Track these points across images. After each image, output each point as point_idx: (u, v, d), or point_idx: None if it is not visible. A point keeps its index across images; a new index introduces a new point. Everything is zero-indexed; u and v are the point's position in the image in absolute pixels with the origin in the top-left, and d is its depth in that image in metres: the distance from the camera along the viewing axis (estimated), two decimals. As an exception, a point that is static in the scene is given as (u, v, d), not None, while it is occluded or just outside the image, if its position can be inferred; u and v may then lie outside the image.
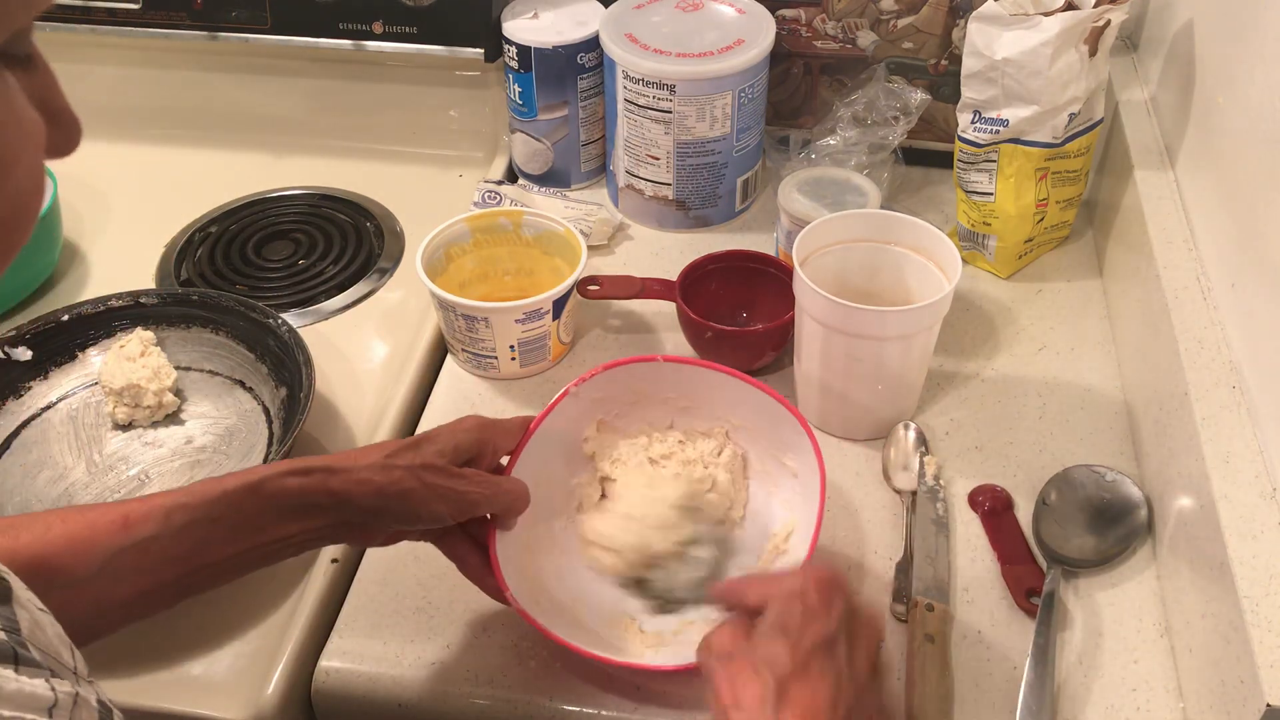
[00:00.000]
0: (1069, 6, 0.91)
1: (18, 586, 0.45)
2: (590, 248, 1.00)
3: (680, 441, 0.83)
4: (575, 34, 1.07)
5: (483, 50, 1.12)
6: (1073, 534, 0.80)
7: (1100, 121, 1.00)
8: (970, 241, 1.04)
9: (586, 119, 1.12)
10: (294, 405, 0.86)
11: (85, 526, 0.61)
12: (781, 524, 0.80)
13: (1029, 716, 0.69)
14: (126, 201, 1.17)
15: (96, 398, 0.92)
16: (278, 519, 0.65)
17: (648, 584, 0.69)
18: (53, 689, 0.41)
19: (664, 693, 0.72)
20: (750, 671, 0.55)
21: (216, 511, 0.63)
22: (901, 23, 1.09)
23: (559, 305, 0.92)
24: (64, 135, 0.38)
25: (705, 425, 0.83)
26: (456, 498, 0.67)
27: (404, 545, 0.81)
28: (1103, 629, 0.75)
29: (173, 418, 0.91)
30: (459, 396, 0.94)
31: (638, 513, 0.70)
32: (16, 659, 0.41)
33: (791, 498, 0.81)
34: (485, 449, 0.71)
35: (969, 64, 0.95)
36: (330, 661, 0.75)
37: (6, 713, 0.39)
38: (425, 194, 1.17)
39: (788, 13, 1.10)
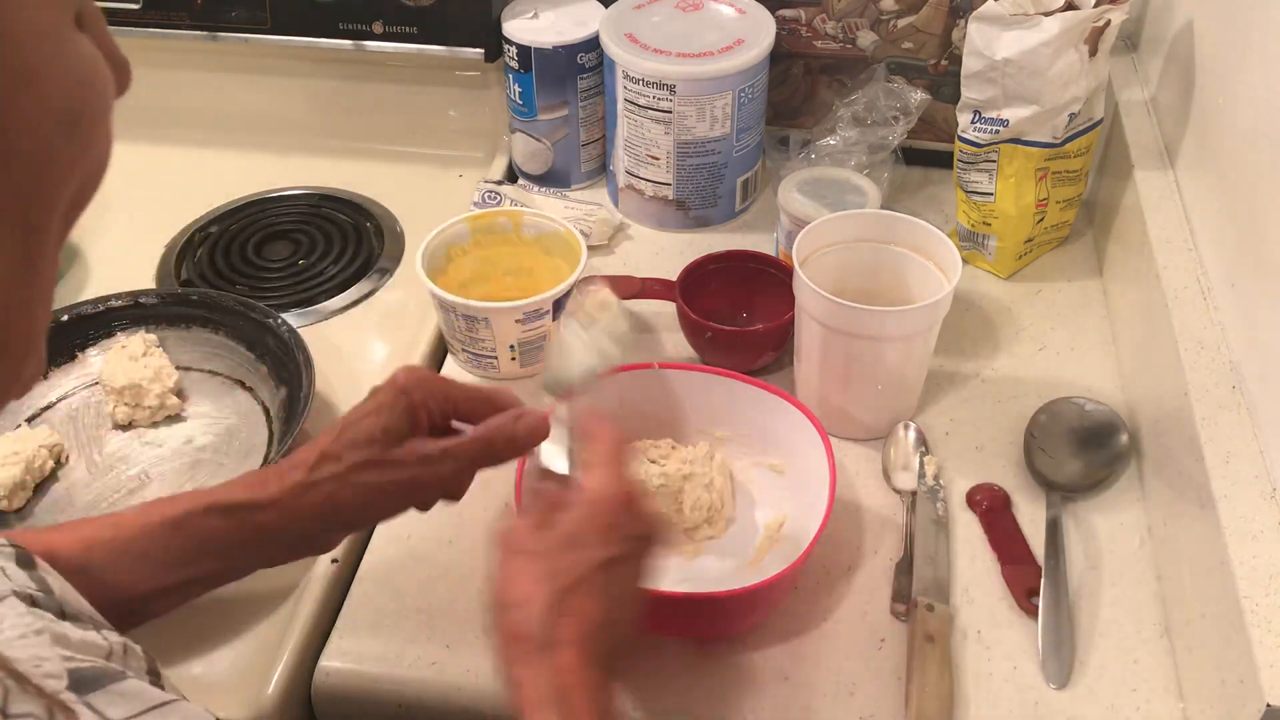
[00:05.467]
0: (1069, 6, 0.91)
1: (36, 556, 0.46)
2: (590, 248, 1.00)
3: (673, 446, 0.84)
4: (575, 34, 1.07)
5: (483, 50, 1.12)
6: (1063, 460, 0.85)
7: (1100, 121, 1.00)
8: (970, 241, 1.04)
9: (586, 119, 1.12)
10: (294, 405, 0.86)
11: None
12: (772, 517, 0.82)
13: (1049, 634, 0.73)
14: (126, 201, 1.17)
15: (96, 398, 0.92)
16: (211, 555, 0.62)
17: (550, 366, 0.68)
18: (105, 638, 0.43)
19: (665, 690, 0.72)
20: (537, 575, 0.55)
21: (140, 546, 0.60)
22: (901, 23, 1.09)
23: (559, 305, 0.92)
24: (120, 77, 0.37)
25: (692, 439, 0.85)
26: (397, 491, 0.63)
27: (403, 545, 0.81)
28: (1102, 629, 0.75)
29: (173, 417, 0.91)
30: (459, 396, 0.94)
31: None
32: (63, 614, 0.44)
33: (778, 495, 0.82)
34: (418, 416, 0.64)
35: (969, 64, 0.95)
36: (330, 661, 0.75)
37: (80, 657, 0.40)
38: (425, 194, 1.17)
39: (788, 13, 1.10)
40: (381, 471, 0.62)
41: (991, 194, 1.00)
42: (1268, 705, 0.58)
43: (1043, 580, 0.77)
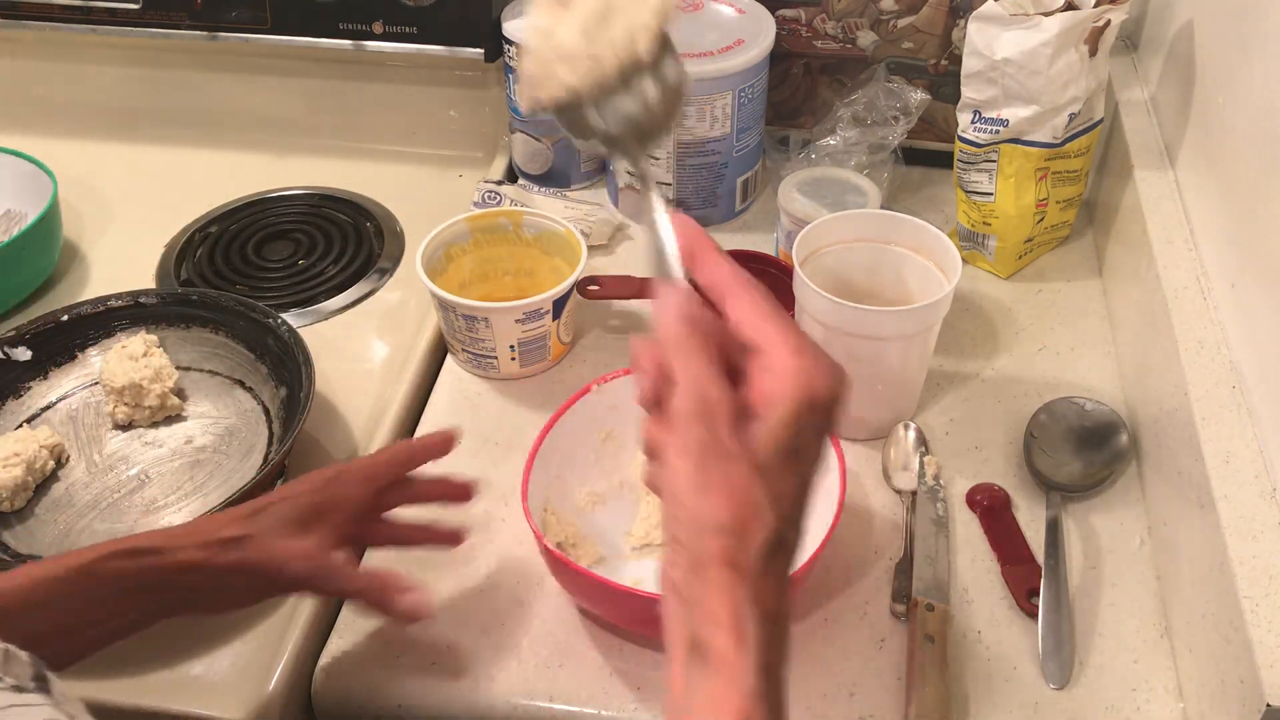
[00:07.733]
0: (1069, 6, 0.91)
1: None
2: (590, 248, 1.00)
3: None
4: (575, 34, 1.07)
5: (483, 50, 1.12)
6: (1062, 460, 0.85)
7: (1100, 121, 1.00)
8: (970, 241, 1.04)
9: (586, 119, 1.12)
10: (294, 405, 0.86)
11: None
12: None
13: (1049, 634, 0.73)
14: (126, 201, 1.17)
15: (96, 398, 0.92)
16: (118, 599, 0.64)
17: (579, 115, 0.55)
18: None
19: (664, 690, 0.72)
20: (758, 500, 0.47)
21: (50, 596, 0.62)
22: (901, 23, 1.09)
23: (559, 305, 0.92)
24: None
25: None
26: (284, 572, 0.67)
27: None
28: (1102, 629, 0.75)
29: (173, 417, 0.91)
30: (459, 396, 0.94)
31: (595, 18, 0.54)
32: None
33: None
34: (333, 504, 0.70)
35: (969, 64, 0.95)
36: (330, 661, 0.75)
37: None
38: (425, 194, 1.17)
39: (788, 13, 1.10)
40: (269, 552, 0.66)
41: (991, 194, 1.00)
42: (1268, 705, 0.58)
43: (1043, 580, 0.77)
